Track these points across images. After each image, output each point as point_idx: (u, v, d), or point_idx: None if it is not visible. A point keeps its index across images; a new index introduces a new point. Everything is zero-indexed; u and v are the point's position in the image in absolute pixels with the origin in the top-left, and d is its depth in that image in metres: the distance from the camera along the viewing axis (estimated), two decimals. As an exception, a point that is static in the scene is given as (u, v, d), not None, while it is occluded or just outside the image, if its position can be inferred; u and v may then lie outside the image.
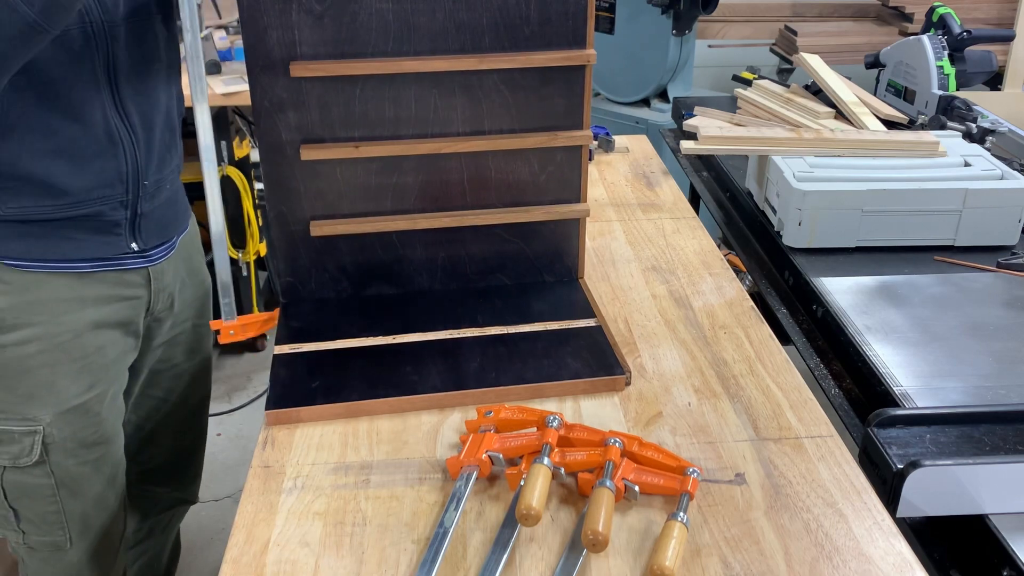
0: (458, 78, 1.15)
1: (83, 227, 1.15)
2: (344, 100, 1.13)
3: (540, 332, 1.18)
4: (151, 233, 1.23)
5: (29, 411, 1.18)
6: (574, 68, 1.17)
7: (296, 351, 1.14)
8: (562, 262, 1.31)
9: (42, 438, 1.19)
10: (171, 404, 1.45)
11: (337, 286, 1.25)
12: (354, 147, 1.15)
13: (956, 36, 1.92)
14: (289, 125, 1.13)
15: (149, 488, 1.52)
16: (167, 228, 1.26)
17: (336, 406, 1.04)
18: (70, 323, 1.17)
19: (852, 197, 1.41)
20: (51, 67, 1.06)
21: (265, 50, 1.08)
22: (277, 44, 1.08)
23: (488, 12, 1.12)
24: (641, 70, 2.81)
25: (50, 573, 1.31)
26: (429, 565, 0.82)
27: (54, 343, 1.17)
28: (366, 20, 1.09)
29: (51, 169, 1.10)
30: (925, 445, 0.98)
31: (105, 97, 1.12)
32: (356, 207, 1.20)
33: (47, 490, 1.23)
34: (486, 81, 1.16)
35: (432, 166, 1.19)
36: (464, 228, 1.24)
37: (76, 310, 1.17)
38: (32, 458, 1.19)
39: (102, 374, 1.23)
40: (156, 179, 1.21)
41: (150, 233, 1.23)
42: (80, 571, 1.31)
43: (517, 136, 1.20)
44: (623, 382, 1.10)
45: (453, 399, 1.06)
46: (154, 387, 1.41)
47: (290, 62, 1.09)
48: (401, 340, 1.16)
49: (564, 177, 1.25)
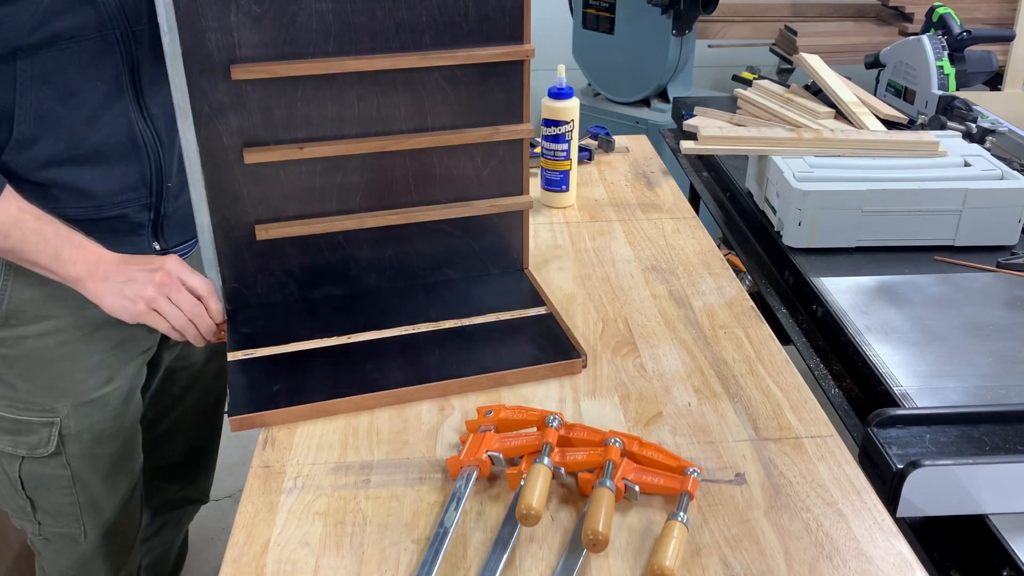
0: (400, 76, 1.15)
1: (106, 228, 1.16)
2: (286, 102, 1.12)
3: (494, 323, 1.20)
4: (172, 233, 1.24)
5: (47, 402, 1.19)
6: (513, 63, 1.19)
7: (251, 356, 1.13)
8: (507, 254, 1.33)
9: (59, 429, 1.21)
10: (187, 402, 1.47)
11: (284, 290, 1.25)
12: (298, 148, 1.15)
13: (956, 36, 1.92)
14: (230, 129, 1.12)
15: (162, 484, 1.53)
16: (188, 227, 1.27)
17: (302, 408, 1.04)
18: (91, 317, 1.18)
19: (852, 197, 1.41)
20: (75, 72, 1.06)
21: (204, 53, 1.06)
22: (216, 47, 1.06)
23: (427, 10, 1.12)
24: (641, 70, 2.81)
25: (64, 565, 1.33)
26: (429, 565, 0.82)
27: (75, 336, 1.18)
28: (306, 21, 1.08)
29: (77, 174, 1.11)
30: (925, 445, 0.98)
31: (129, 101, 1.12)
32: (301, 209, 1.20)
33: (63, 481, 1.24)
34: (428, 78, 1.17)
35: (377, 164, 1.20)
36: (411, 225, 1.25)
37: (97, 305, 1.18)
38: (49, 449, 1.21)
39: (121, 369, 1.25)
40: (179, 180, 1.21)
41: (172, 233, 1.24)
42: (94, 564, 1.33)
43: (460, 132, 1.21)
44: (579, 365, 1.13)
45: (418, 393, 1.07)
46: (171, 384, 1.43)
47: (230, 65, 1.07)
48: (357, 339, 1.16)
49: (506, 171, 1.27)
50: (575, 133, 1.56)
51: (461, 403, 1.07)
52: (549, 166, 1.59)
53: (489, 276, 1.33)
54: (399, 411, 1.06)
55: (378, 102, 1.16)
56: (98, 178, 1.13)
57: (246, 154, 1.13)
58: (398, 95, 1.17)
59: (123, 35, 1.09)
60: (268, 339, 1.16)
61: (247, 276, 1.22)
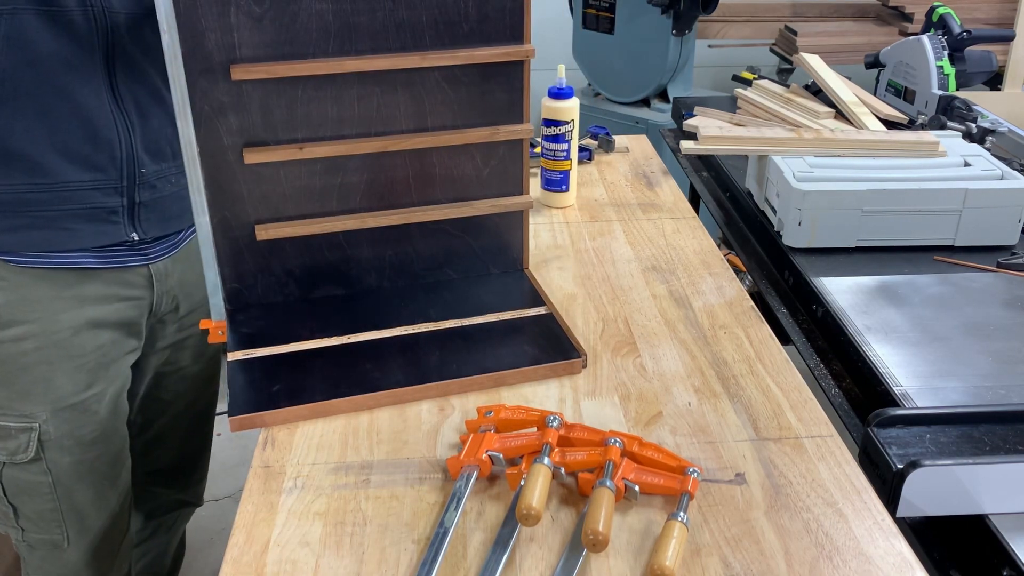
0: (400, 76, 1.16)
1: (79, 216, 1.14)
2: (286, 102, 1.13)
3: (494, 323, 1.21)
4: (152, 224, 1.22)
5: (25, 408, 1.18)
6: (513, 63, 1.19)
7: (251, 356, 1.13)
8: (508, 254, 1.34)
9: (38, 435, 1.19)
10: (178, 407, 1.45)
11: (284, 290, 1.25)
12: (298, 148, 1.15)
13: (956, 36, 1.92)
14: (231, 129, 1.12)
15: (154, 489, 1.52)
16: (171, 221, 1.26)
17: (302, 408, 1.04)
18: (68, 321, 1.17)
19: (852, 197, 1.41)
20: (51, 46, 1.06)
21: (204, 54, 1.06)
22: (216, 47, 1.06)
23: (427, 10, 1.13)
24: (641, 70, 2.81)
25: (49, 571, 1.32)
26: (429, 565, 0.82)
27: (51, 340, 1.17)
28: (306, 21, 1.08)
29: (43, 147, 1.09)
30: (925, 445, 0.98)
31: (102, 81, 1.11)
32: (302, 209, 1.20)
33: (44, 487, 1.23)
34: (428, 78, 1.17)
35: (377, 164, 1.20)
36: (411, 225, 1.25)
37: (74, 308, 1.17)
38: (28, 455, 1.20)
39: (101, 373, 1.23)
40: (156, 169, 1.20)
41: (151, 224, 1.22)
42: (79, 570, 1.31)
43: (460, 132, 1.21)
44: (579, 365, 1.13)
45: (418, 393, 1.07)
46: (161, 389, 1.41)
47: (230, 65, 1.08)
48: (357, 339, 1.16)
49: (507, 171, 1.27)
50: (575, 133, 1.56)
51: (461, 403, 1.07)
52: (549, 166, 1.59)
53: (489, 276, 1.33)
54: (399, 411, 1.06)
55: (378, 102, 1.16)
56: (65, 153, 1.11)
57: (246, 154, 1.13)
58: (398, 95, 1.17)
59: (98, 14, 1.08)
60: (268, 339, 1.16)
61: (247, 276, 1.22)
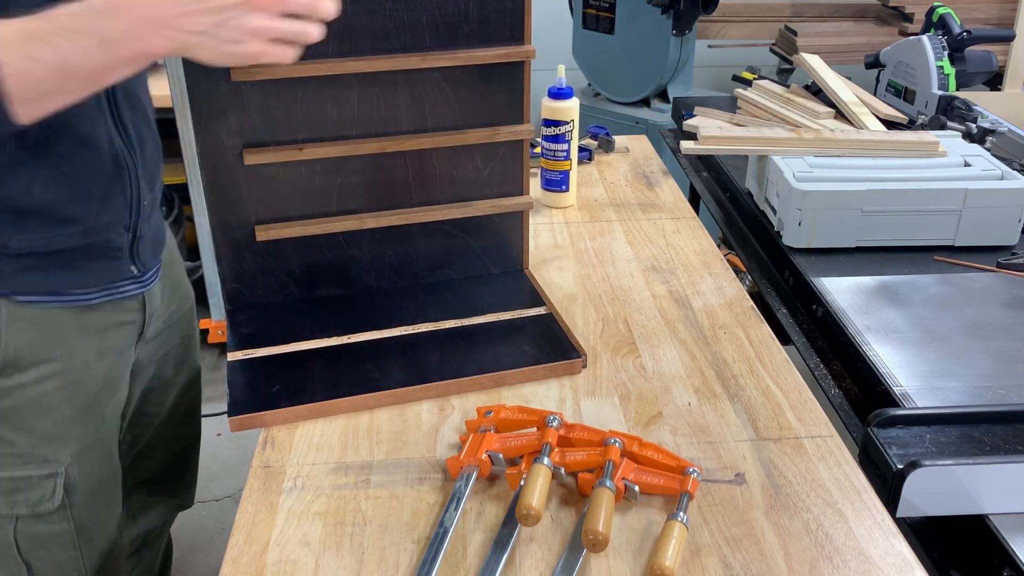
0: (400, 77, 1.16)
1: (89, 255, 1.09)
2: (286, 103, 1.13)
3: (494, 323, 1.21)
4: (147, 255, 1.17)
5: (50, 453, 1.12)
6: (513, 64, 1.19)
7: (250, 356, 1.13)
8: (508, 254, 1.34)
9: (63, 480, 1.13)
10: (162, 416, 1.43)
11: (284, 290, 1.25)
12: (297, 149, 1.15)
13: (956, 36, 1.92)
14: (230, 130, 1.12)
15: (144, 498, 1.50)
16: (158, 248, 1.20)
17: (302, 408, 1.04)
18: (81, 355, 1.11)
19: (852, 197, 1.41)
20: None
21: None
22: None
23: (428, 11, 1.13)
24: (641, 70, 2.81)
25: None
26: (429, 565, 0.82)
27: (71, 378, 1.11)
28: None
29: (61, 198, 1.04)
30: (925, 445, 0.98)
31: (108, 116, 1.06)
32: (302, 209, 1.20)
33: (66, 537, 1.17)
34: (428, 79, 1.17)
35: (377, 165, 1.20)
36: (411, 225, 1.26)
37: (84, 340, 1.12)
38: (54, 503, 1.13)
39: (108, 403, 1.18)
40: (151, 198, 1.16)
41: (146, 255, 1.17)
42: None
43: (460, 132, 1.21)
44: (579, 365, 1.13)
45: (418, 393, 1.07)
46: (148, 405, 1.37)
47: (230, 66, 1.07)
48: (357, 339, 1.17)
49: (507, 171, 1.27)
50: (575, 133, 1.56)
51: (461, 403, 1.07)
52: (549, 166, 1.59)
53: (489, 276, 1.33)
54: (399, 411, 1.06)
55: (378, 103, 1.16)
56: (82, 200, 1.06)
57: (246, 155, 1.13)
58: (398, 96, 1.17)
59: None
60: (268, 339, 1.16)
61: (247, 276, 1.22)
